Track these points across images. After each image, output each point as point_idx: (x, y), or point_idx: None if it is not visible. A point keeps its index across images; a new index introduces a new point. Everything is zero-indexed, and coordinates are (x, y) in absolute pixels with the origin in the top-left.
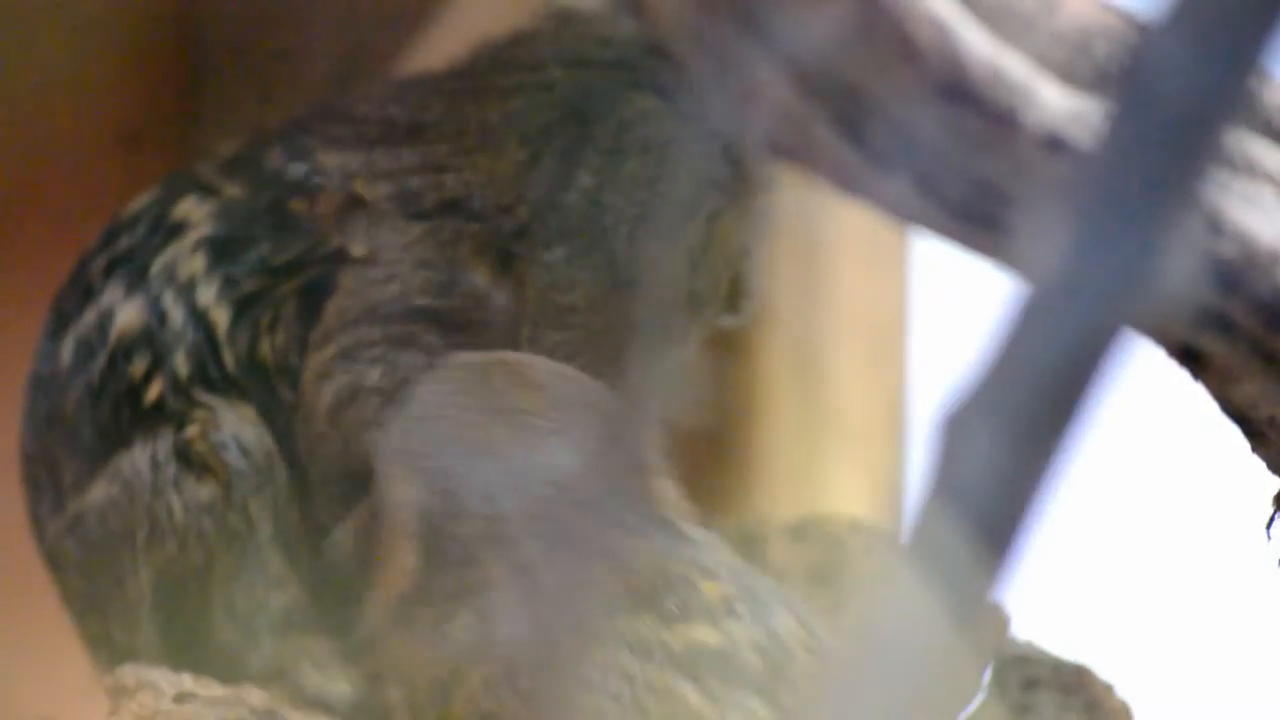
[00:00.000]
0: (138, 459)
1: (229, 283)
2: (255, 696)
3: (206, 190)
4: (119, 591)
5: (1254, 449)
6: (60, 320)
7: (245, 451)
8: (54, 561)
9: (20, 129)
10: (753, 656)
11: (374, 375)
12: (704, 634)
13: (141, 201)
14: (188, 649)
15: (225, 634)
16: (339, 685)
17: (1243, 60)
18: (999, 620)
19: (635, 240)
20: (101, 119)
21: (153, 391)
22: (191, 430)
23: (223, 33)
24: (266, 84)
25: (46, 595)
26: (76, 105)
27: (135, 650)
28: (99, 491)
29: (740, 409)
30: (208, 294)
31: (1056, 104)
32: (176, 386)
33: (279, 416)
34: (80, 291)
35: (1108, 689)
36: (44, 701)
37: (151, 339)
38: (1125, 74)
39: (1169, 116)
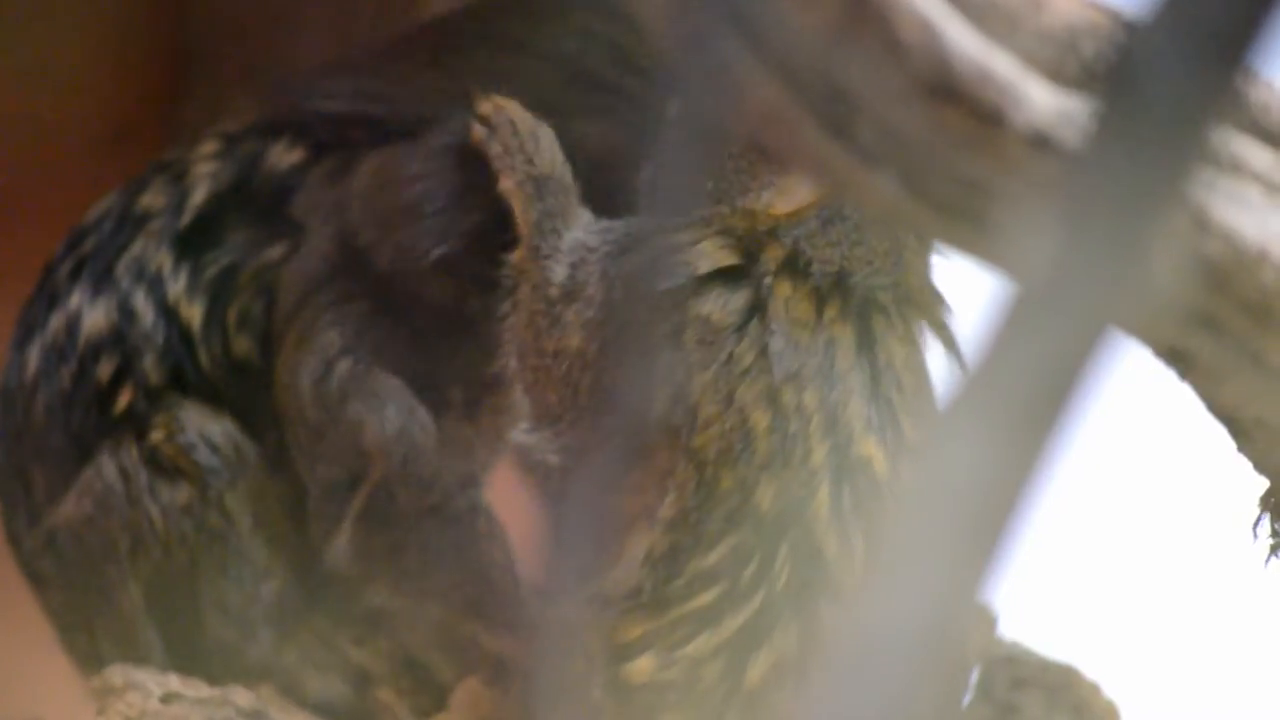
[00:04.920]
0: (106, 472)
1: (197, 276)
2: (242, 697)
3: (172, 175)
4: (108, 606)
5: (1240, 448)
6: (26, 330)
7: (214, 448)
8: (34, 577)
9: (9, 128)
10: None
11: (334, 339)
12: (879, 459)
13: (106, 201)
14: (188, 652)
15: (222, 630)
16: (335, 685)
17: (1229, 59)
18: (986, 620)
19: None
20: (91, 117)
21: (122, 400)
22: (156, 435)
23: (212, 30)
24: (256, 81)
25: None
26: (66, 103)
27: (133, 661)
28: (71, 506)
29: None
30: (177, 288)
31: (1044, 103)
32: (147, 393)
33: (263, 416)
34: (46, 299)
35: (1094, 689)
36: (33, 701)
37: (120, 340)
38: (1112, 73)
39: (1156, 115)
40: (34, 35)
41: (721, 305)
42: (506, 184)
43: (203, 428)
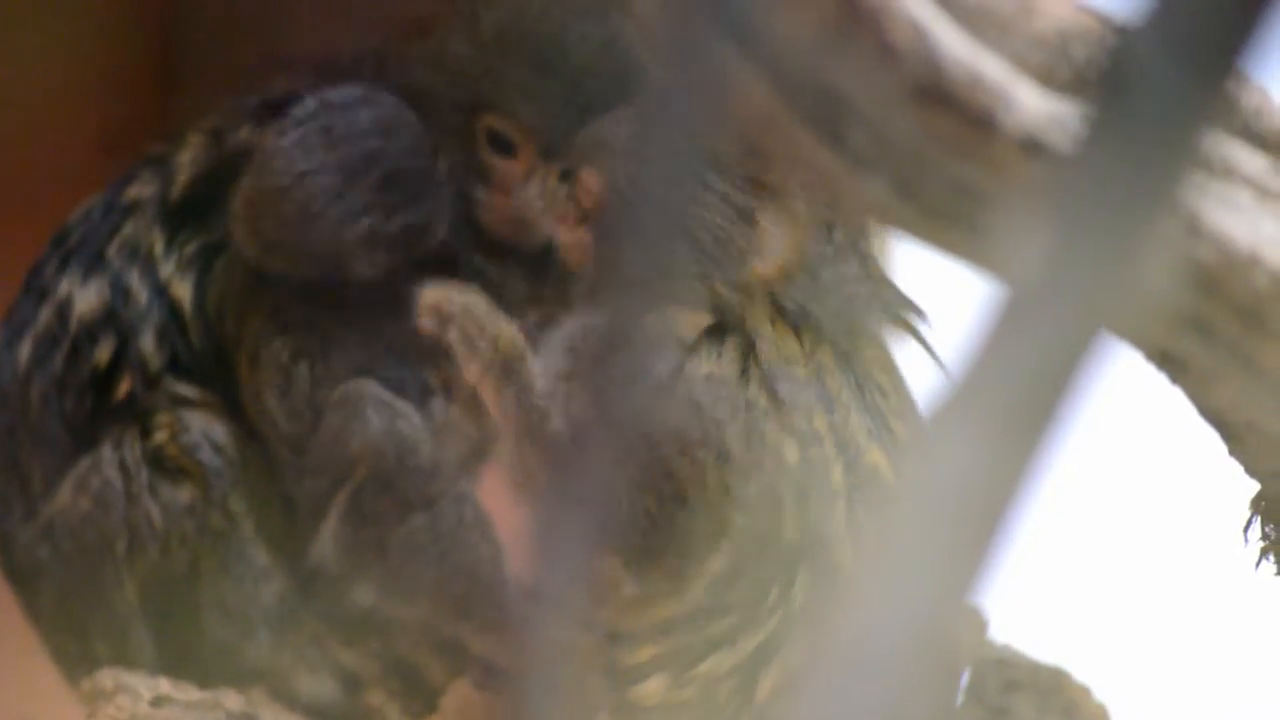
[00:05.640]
0: (106, 468)
1: (182, 253)
2: (232, 700)
3: (158, 166)
4: (102, 606)
5: (1231, 452)
6: (16, 329)
7: (218, 448)
8: (25, 577)
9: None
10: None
11: (281, 347)
12: (884, 466)
13: (90, 201)
14: (183, 653)
15: (221, 632)
16: (326, 687)
17: (1221, 63)
18: (977, 623)
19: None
20: (79, 121)
21: (122, 387)
22: (160, 435)
23: (200, 34)
24: (245, 89)
25: None
26: (54, 108)
27: (124, 662)
28: (68, 496)
29: None
30: (169, 268)
31: (1034, 106)
32: (146, 378)
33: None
34: (35, 296)
35: (1085, 691)
36: (22, 703)
37: (115, 319)
38: (1104, 77)
39: (1147, 119)
40: (22, 41)
41: (716, 359)
42: (473, 372)
43: (207, 428)
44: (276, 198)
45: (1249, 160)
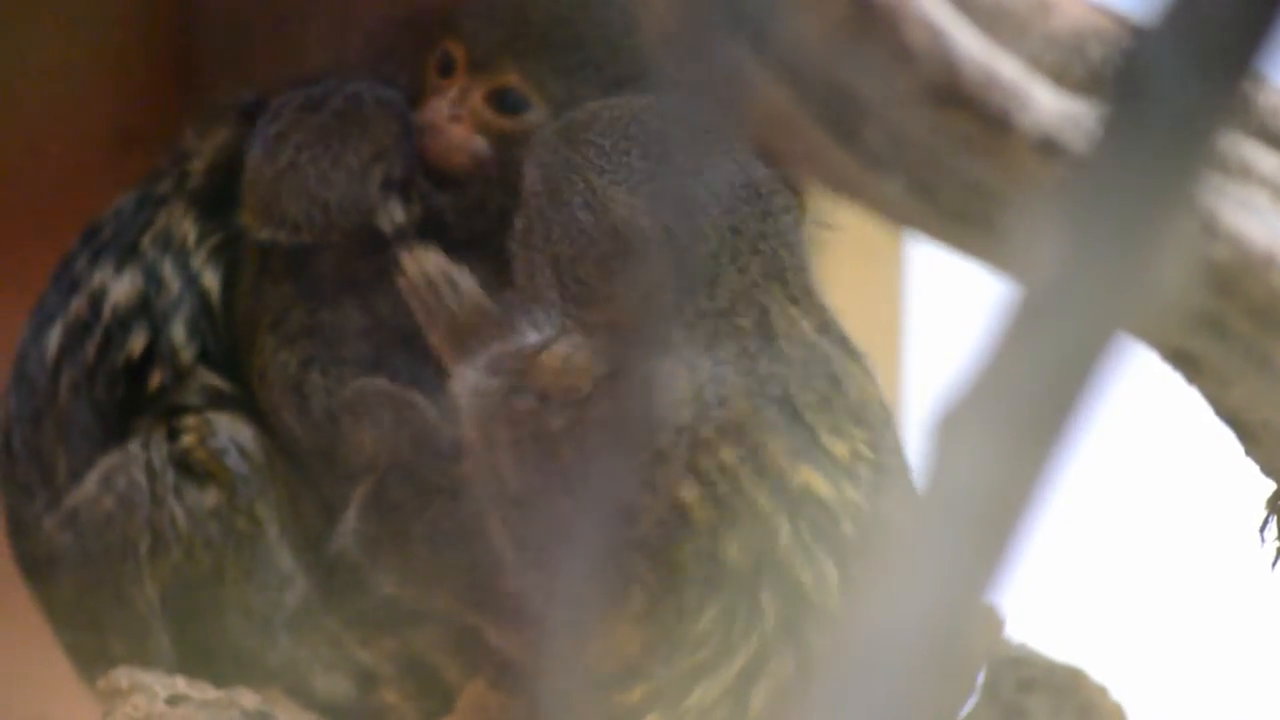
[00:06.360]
0: (132, 468)
1: (214, 247)
2: (248, 699)
3: (185, 158)
4: (121, 605)
5: (1248, 452)
6: (44, 319)
7: (245, 454)
8: (44, 569)
9: (13, 131)
10: (848, 524)
11: (289, 359)
12: (819, 483)
13: (121, 198)
14: (202, 654)
15: (241, 636)
16: (341, 686)
17: (1237, 63)
18: (994, 622)
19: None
20: (95, 120)
21: (155, 378)
22: (188, 438)
23: (216, 34)
24: (260, 85)
25: None
26: (70, 106)
27: (141, 661)
28: (93, 489)
29: None
30: (200, 257)
31: (1050, 106)
32: (177, 370)
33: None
34: (65, 287)
35: (1102, 691)
36: (38, 700)
37: (148, 308)
38: (1119, 76)
39: (1163, 119)
40: (35, 42)
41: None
42: (432, 339)
43: (234, 432)
44: (284, 171)
45: (1265, 160)
